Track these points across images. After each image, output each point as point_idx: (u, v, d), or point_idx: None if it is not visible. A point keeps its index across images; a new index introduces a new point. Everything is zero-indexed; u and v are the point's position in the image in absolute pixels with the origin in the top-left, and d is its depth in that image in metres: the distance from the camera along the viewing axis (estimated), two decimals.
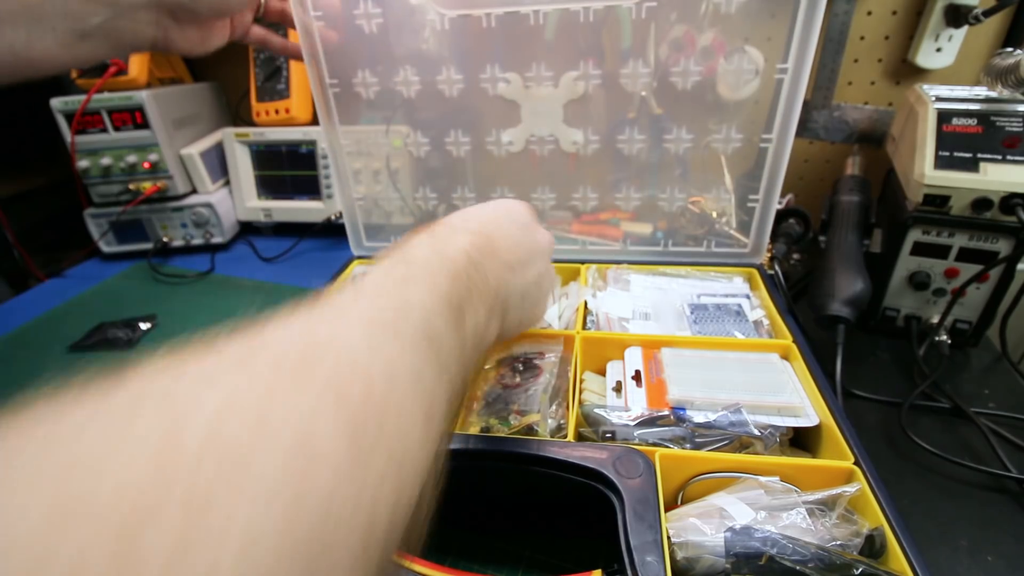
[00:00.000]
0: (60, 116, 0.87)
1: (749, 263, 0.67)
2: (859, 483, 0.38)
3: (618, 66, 0.61)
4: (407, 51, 0.64)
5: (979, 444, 0.51)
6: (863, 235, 0.67)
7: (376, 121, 0.69)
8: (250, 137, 0.95)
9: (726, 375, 0.48)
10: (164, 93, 0.92)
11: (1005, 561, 0.41)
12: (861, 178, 0.75)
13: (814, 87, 0.82)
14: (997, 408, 0.55)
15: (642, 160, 0.66)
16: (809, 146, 0.88)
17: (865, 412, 0.56)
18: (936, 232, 0.59)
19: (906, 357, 0.62)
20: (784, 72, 0.57)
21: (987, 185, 0.55)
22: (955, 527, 0.44)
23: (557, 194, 0.70)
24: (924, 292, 0.62)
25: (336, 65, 0.65)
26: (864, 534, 0.36)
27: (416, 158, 0.71)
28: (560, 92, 0.63)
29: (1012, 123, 0.55)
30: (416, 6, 0.61)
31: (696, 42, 0.59)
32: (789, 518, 0.37)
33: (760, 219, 0.65)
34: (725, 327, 0.56)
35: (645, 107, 0.63)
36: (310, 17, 0.62)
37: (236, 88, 1.06)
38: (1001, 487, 0.47)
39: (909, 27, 0.78)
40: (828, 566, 0.33)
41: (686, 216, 0.69)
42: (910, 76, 0.80)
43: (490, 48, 0.62)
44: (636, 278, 0.65)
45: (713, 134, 0.63)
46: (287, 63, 0.93)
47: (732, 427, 0.43)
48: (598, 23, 0.59)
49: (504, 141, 0.67)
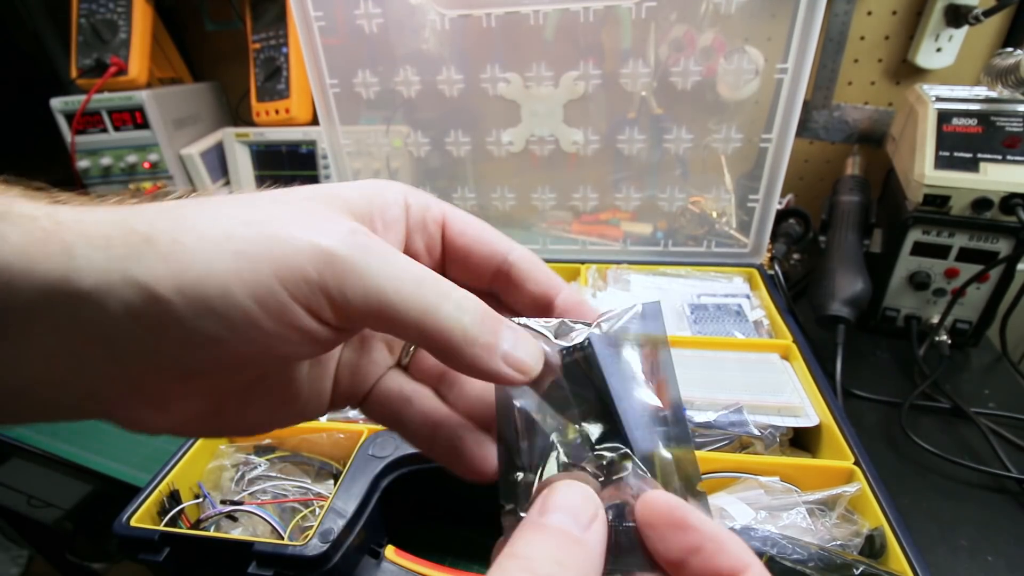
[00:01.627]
0: (60, 116, 0.87)
1: (749, 263, 0.67)
2: (859, 483, 0.38)
3: (618, 66, 0.61)
4: (407, 51, 0.64)
5: (979, 444, 0.51)
6: (863, 235, 0.67)
7: (376, 121, 0.69)
8: (250, 137, 0.95)
9: (726, 375, 0.48)
10: (164, 93, 0.92)
11: (1005, 561, 0.41)
12: (861, 178, 0.75)
13: (814, 87, 0.82)
14: (997, 408, 0.55)
15: (642, 160, 0.66)
16: (809, 146, 0.88)
17: (865, 412, 0.56)
18: (936, 232, 0.59)
19: (906, 357, 0.62)
20: (784, 72, 0.57)
21: (987, 185, 0.55)
22: (955, 527, 0.44)
23: (557, 194, 0.70)
24: (924, 292, 0.62)
25: (336, 65, 0.65)
26: (864, 534, 0.36)
27: (416, 158, 0.71)
28: (560, 92, 0.63)
29: (1012, 123, 0.55)
30: (416, 6, 0.61)
31: (696, 42, 0.59)
32: (789, 518, 0.37)
33: (760, 219, 0.65)
34: (725, 327, 0.56)
35: (645, 107, 0.63)
36: (310, 17, 0.62)
37: (236, 88, 1.06)
38: (1001, 487, 0.47)
39: (909, 27, 0.78)
40: (828, 566, 0.33)
41: (686, 216, 0.69)
42: (910, 76, 0.80)
43: (490, 48, 0.62)
44: (636, 278, 0.65)
45: (713, 134, 0.63)
46: (287, 63, 0.93)
47: (732, 427, 0.43)
48: (598, 23, 0.59)
49: (504, 141, 0.67)
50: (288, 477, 0.45)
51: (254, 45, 0.93)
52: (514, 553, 0.16)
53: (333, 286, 0.17)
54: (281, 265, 0.17)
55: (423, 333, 0.18)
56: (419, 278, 0.18)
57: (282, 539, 0.40)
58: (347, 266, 0.17)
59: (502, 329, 0.19)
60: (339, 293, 0.17)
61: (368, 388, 0.23)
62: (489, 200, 0.71)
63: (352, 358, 0.23)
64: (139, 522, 0.39)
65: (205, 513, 0.42)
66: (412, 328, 0.18)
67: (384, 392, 0.23)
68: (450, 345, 0.18)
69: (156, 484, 0.41)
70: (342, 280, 0.17)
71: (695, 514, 0.17)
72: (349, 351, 0.23)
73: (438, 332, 0.18)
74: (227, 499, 0.43)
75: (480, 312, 0.19)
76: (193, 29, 1.04)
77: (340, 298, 0.17)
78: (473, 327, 0.18)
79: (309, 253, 0.17)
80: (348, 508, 0.39)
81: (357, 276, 0.17)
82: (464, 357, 0.18)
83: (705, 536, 0.17)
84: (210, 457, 0.46)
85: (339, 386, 0.23)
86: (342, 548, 0.37)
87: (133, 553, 0.38)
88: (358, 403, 0.24)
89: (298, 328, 0.17)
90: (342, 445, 0.46)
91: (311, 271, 0.17)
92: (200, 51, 1.07)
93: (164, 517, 0.41)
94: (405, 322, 0.18)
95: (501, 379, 0.19)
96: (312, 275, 0.17)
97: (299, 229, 0.17)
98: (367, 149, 0.71)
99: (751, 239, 0.67)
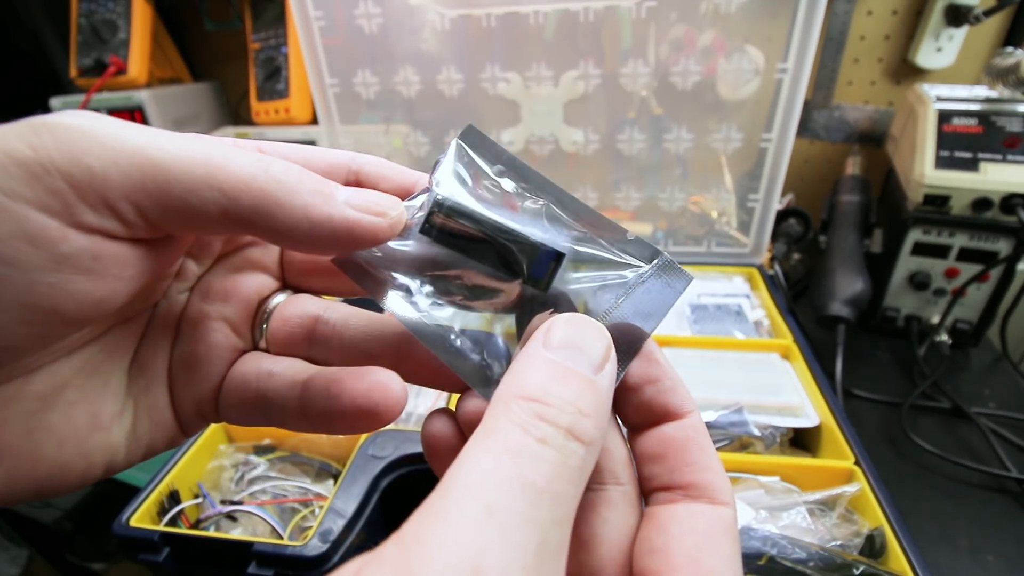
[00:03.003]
0: None
1: (749, 263, 0.67)
2: (859, 483, 0.38)
3: (618, 66, 0.61)
4: (407, 51, 0.64)
5: (979, 444, 0.51)
6: (863, 235, 0.67)
7: (376, 121, 0.69)
8: (250, 137, 0.95)
9: (726, 375, 0.48)
10: (164, 93, 0.92)
11: (1005, 561, 0.41)
12: (861, 178, 0.75)
13: (814, 87, 0.82)
14: (997, 408, 0.55)
15: (642, 160, 0.66)
16: (809, 146, 0.88)
17: (865, 412, 0.56)
18: (936, 232, 0.59)
19: (906, 357, 0.62)
20: (784, 72, 0.57)
21: (987, 185, 0.54)
22: (955, 527, 0.44)
23: None
24: (924, 292, 0.62)
25: (336, 65, 0.65)
26: (864, 534, 0.36)
27: (416, 158, 0.71)
28: (560, 92, 0.63)
29: (1012, 123, 0.55)
30: (416, 6, 0.61)
31: (696, 42, 0.59)
32: (789, 518, 0.37)
33: (760, 219, 0.65)
34: (725, 327, 0.56)
35: (645, 107, 0.63)
36: (310, 17, 0.62)
37: (236, 88, 1.06)
38: (1001, 487, 0.47)
39: (909, 27, 0.78)
40: (828, 566, 0.33)
41: (686, 216, 0.69)
42: (910, 76, 0.80)
43: (490, 48, 0.62)
44: None
45: (713, 134, 0.63)
46: (287, 62, 0.93)
47: (732, 427, 0.43)
48: (598, 23, 0.59)
49: (504, 141, 0.67)
50: (288, 477, 0.45)
51: (254, 45, 0.93)
52: (523, 393, 0.14)
53: (63, 158, 0.12)
54: None
55: (219, 191, 0.13)
56: (181, 135, 0.14)
57: (282, 539, 0.40)
58: (76, 130, 0.13)
59: (331, 182, 0.16)
60: (76, 165, 0.12)
61: (216, 381, 0.18)
62: None
63: (183, 353, 0.18)
64: (139, 522, 0.39)
65: (205, 513, 0.42)
66: (202, 193, 0.13)
67: (239, 376, 0.18)
68: (265, 201, 0.14)
69: (156, 484, 0.41)
70: (76, 148, 0.12)
71: (660, 351, 0.17)
72: (180, 349, 0.18)
73: (240, 187, 0.13)
74: (227, 499, 0.43)
75: (297, 167, 0.15)
76: (193, 29, 1.04)
77: (81, 172, 0.12)
78: (290, 172, 0.14)
79: (17, 137, 0.12)
80: (348, 508, 0.39)
81: (91, 140, 0.13)
82: (289, 211, 0.14)
83: (665, 372, 0.17)
84: (210, 457, 0.46)
85: (177, 385, 0.18)
86: (342, 548, 0.37)
87: (133, 553, 0.38)
88: (211, 405, 0.18)
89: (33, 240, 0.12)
90: (342, 445, 0.46)
91: (22, 149, 0.12)
92: (200, 51, 1.07)
93: (164, 517, 0.41)
94: (189, 184, 0.13)
95: (356, 228, 0.15)
96: (25, 152, 0.12)
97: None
98: (367, 149, 0.71)
99: (751, 239, 0.67)
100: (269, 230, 0.14)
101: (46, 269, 0.12)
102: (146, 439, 0.17)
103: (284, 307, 0.19)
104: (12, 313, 0.13)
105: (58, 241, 0.12)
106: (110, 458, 0.17)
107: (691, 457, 0.16)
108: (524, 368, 0.14)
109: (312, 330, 0.19)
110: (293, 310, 0.19)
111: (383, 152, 0.71)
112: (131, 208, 0.13)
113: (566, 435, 0.13)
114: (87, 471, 0.16)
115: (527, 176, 0.19)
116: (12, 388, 0.14)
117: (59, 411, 0.15)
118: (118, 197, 0.13)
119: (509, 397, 0.14)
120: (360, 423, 0.17)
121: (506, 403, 0.14)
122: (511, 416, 0.13)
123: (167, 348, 0.18)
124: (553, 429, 0.13)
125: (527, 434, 0.13)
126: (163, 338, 0.18)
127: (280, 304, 0.19)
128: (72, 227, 0.13)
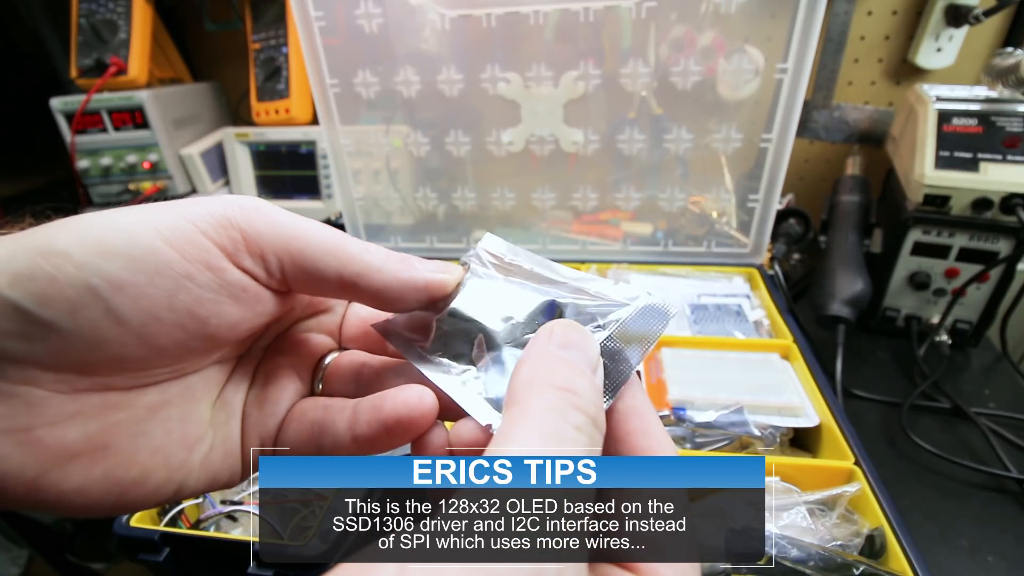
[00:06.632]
0: (60, 116, 0.87)
1: (749, 263, 0.67)
2: (859, 483, 0.38)
3: (618, 66, 0.61)
4: (407, 51, 0.64)
5: (979, 444, 0.51)
6: (863, 235, 0.67)
7: (376, 121, 0.69)
8: (250, 137, 0.95)
9: (726, 375, 0.48)
10: (164, 93, 0.92)
11: (1005, 561, 0.41)
12: (861, 178, 0.75)
13: (814, 87, 0.82)
14: (997, 408, 0.55)
15: (642, 160, 0.66)
16: (809, 146, 0.88)
17: (865, 412, 0.56)
18: (936, 232, 0.59)
19: (906, 357, 0.62)
20: (784, 72, 0.57)
21: (987, 185, 0.54)
22: (955, 527, 0.44)
23: (557, 194, 0.70)
24: (924, 292, 0.62)
25: (336, 65, 0.65)
26: (864, 534, 0.36)
27: (416, 158, 0.71)
28: (560, 92, 0.63)
29: (1012, 123, 0.55)
30: (416, 6, 0.61)
31: (696, 42, 0.59)
32: (789, 518, 0.37)
33: (760, 219, 0.65)
34: (725, 327, 0.56)
35: (645, 107, 0.63)
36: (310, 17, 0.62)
37: (236, 88, 1.06)
38: (1001, 487, 0.47)
39: (909, 27, 0.78)
40: (828, 566, 0.33)
41: (686, 216, 0.69)
42: (910, 76, 0.80)
43: (490, 48, 0.62)
44: (636, 278, 0.65)
45: (713, 134, 0.63)
46: (287, 63, 0.93)
47: (732, 427, 0.43)
48: (598, 23, 0.59)
49: (504, 141, 0.67)
50: None
51: (254, 45, 0.93)
52: (554, 382, 0.16)
53: (243, 220, 0.18)
54: (187, 211, 0.17)
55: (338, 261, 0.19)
56: (317, 223, 0.20)
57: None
58: (252, 208, 0.18)
59: (409, 255, 0.21)
60: (249, 227, 0.18)
61: (280, 417, 0.22)
62: (489, 200, 0.71)
63: (257, 394, 0.22)
64: (139, 522, 0.39)
65: (205, 513, 0.42)
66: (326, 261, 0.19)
67: (299, 411, 0.22)
68: (367, 270, 0.19)
69: None
70: (251, 217, 0.18)
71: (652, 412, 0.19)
72: (254, 392, 0.22)
73: (351, 260, 0.19)
74: (227, 499, 0.43)
75: (384, 249, 0.21)
76: (193, 29, 1.04)
77: (251, 232, 0.18)
78: (381, 253, 0.20)
79: (215, 204, 0.18)
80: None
81: (262, 216, 0.18)
82: (384, 275, 0.20)
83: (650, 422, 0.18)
84: None
85: (248, 422, 0.21)
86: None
87: (133, 553, 0.38)
88: (272, 439, 0.22)
89: (210, 267, 0.17)
90: None
91: (217, 210, 0.18)
92: (200, 51, 1.07)
93: (164, 517, 0.41)
94: (318, 255, 0.19)
95: (431, 284, 0.20)
96: (218, 211, 0.18)
97: (192, 204, 0.18)
98: (367, 149, 0.71)
99: (751, 239, 0.67)
100: (369, 289, 0.20)
101: (211, 288, 0.18)
102: (214, 468, 0.20)
103: (339, 358, 0.24)
104: (179, 316, 0.17)
105: (224, 271, 0.18)
106: (183, 478, 0.19)
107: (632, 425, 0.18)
108: (541, 358, 0.17)
109: (359, 372, 0.23)
110: (346, 358, 0.24)
111: (383, 152, 0.71)
112: (276, 262, 0.19)
113: (594, 424, 0.15)
114: (161, 486, 0.19)
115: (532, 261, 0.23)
116: (131, 396, 0.18)
117: (159, 423, 0.19)
118: (269, 252, 0.19)
119: (542, 385, 0.16)
120: (399, 430, 0.20)
121: (540, 390, 0.16)
122: (546, 401, 0.15)
123: (245, 390, 0.22)
124: (585, 418, 0.15)
125: (565, 420, 0.15)
126: (243, 381, 0.22)
127: (335, 357, 0.24)
128: (234, 265, 0.18)
